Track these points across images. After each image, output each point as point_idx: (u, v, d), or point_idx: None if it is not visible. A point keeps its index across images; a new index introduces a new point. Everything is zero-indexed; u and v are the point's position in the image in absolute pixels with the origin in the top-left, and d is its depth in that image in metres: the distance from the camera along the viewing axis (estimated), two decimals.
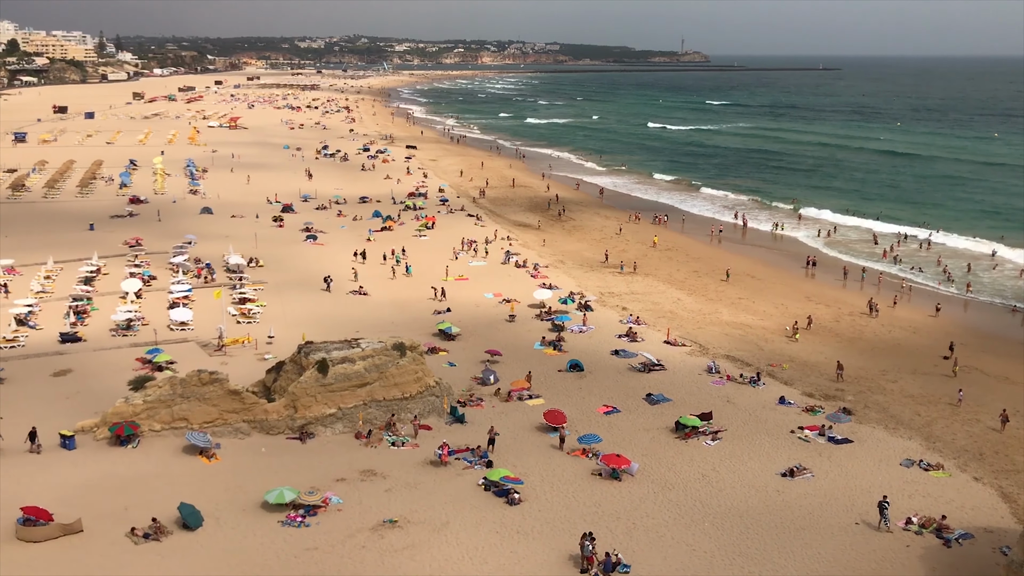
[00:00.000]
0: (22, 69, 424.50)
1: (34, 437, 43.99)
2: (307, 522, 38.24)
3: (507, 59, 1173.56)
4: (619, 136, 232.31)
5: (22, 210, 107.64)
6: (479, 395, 53.30)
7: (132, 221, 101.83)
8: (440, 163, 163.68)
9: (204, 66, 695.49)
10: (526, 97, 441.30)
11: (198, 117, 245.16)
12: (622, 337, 64.48)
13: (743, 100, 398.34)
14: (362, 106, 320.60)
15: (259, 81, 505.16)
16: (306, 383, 47.56)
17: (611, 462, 43.11)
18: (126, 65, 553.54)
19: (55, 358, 57.69)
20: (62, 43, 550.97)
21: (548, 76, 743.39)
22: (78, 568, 34.35)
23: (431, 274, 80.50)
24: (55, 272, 77.98)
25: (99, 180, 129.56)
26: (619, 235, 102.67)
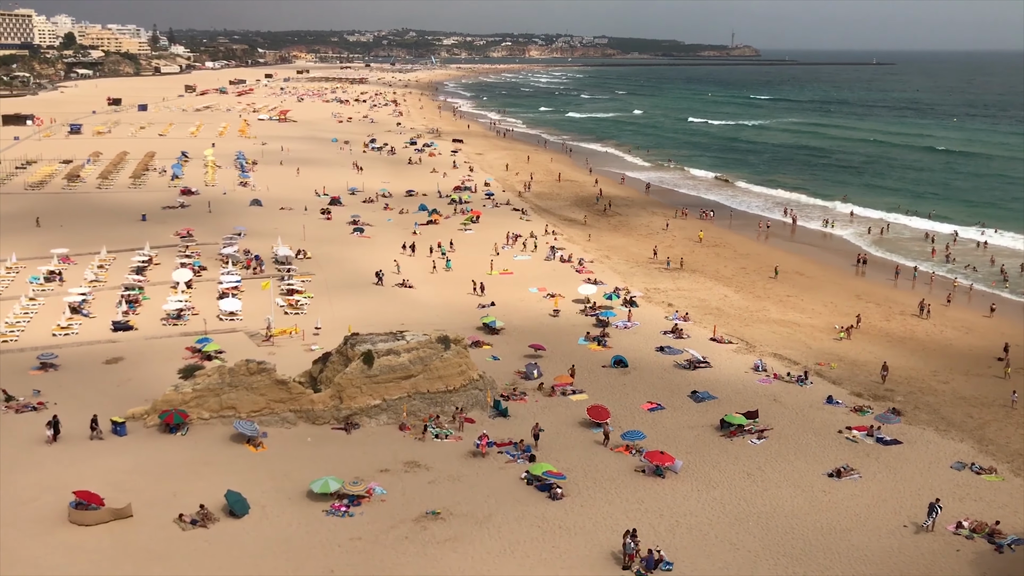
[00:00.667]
0: (78, 62, 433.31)
1: (95, 424, 44.85)
2: (351, 512, 38.60)
3: (555, 53, 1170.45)
4: (664, 131, 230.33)
5: (77, 200, 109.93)
6: (522, 389, 53.32)
7: (183, 212, 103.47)
8: (486, 157, 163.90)
9: (255, 59, 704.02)
10: (569, 91, 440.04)
11: (248, 110, 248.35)
12: (667, 334, 64.06)
13: (793, 95, 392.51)
14: (409, 100, 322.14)
15: (308, 74, 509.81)
16: (352, 374, 47.98)
17: (655, 459, 42.87)
18: (178, 58, 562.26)
19: (107, 346, 58.88)
20: (117, 36, 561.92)
21: (595, 70, 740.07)
22: (127, 552, 35.05)
23: (475, 268, 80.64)
24: (108, 262, 79.56)
25: (151, 172, 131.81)
26: (666, 231, 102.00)
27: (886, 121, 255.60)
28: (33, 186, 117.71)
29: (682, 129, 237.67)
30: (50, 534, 36.02)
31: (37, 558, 34.39)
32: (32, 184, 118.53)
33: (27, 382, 51.51)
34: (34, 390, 50.25)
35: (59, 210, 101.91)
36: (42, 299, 68.25)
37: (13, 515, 37.21)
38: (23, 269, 76.46)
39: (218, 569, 34.20)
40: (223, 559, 34.86)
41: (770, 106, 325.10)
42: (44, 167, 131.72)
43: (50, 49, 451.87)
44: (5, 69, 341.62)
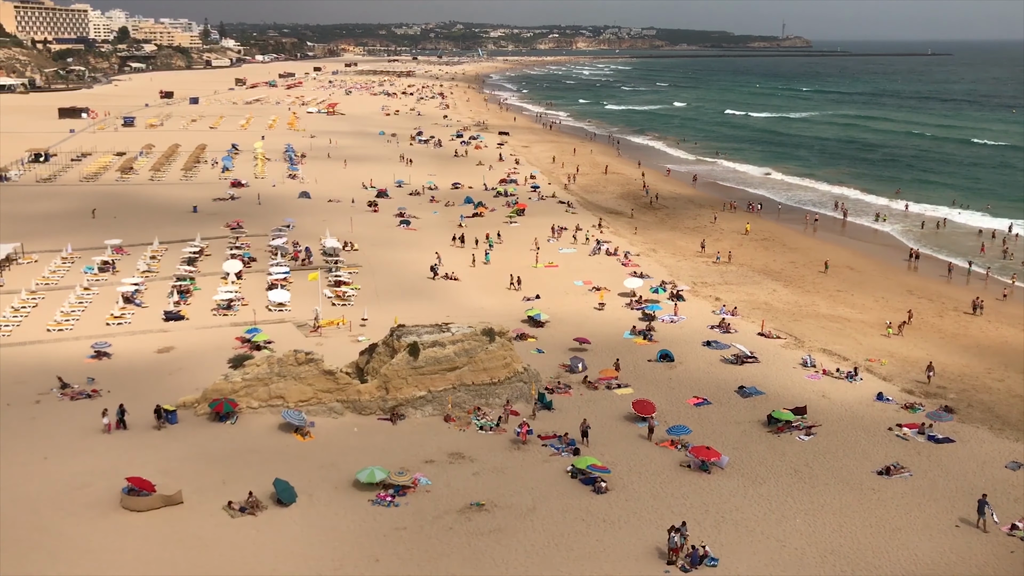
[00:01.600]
0: (132, 56, 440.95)
1: (160, 414, 45.58)
2: (396, 502, 38.89)
3: (602, 44, 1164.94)
4: (707, 124, 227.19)
5: (130, 192, 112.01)
6: (567, 382, 53.24)
7: (233, 204, 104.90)
8: (532, 150, 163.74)
9: (304, 53, 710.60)
10: (611, 83, 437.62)
11: (297, 103, 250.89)
12: (715, 328, 63.48)
13: (844, 87, 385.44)
14: (456, 93, 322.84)
15: (356, 67, 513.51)
16: (398, 365, 48.30)
17: (700, 454, 42.55)
18: (229, 51, 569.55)
19: (159, 336, 59.95)
20: (169, 30, 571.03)
21: (640, 62, 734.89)
22: (177, 538, 35.68)
23: (517, 262, 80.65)
24: (160, 253, 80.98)
25: (202, 164, 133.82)
26: (713, 224, 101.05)
27: (941, 114, 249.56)
28: (88, 178, 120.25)
29: (725, 122, 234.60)
30: (102, 519, 36.82)
31: (89, 542, 35.17)
32: (87, 176, 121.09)
33: (81, 370, 52.67)
34: (88, 378, 51.36)
35: (113, 202, 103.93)
36: (96, 289, 69.68)
37: (67, 500, 38.11)
38: (78, 260, 78.15)
39: (265, 556, 34.68)
40: (270, 546, 35.34)
41: (819, 98, 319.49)
42: (98, 159, 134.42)
43: (105, 43, 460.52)
44: (62, 63, 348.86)
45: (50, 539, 35.18)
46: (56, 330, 60.29)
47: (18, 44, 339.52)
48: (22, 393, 49.18)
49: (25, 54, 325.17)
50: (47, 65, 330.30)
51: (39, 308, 64.78)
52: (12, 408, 47.28)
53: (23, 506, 37.46)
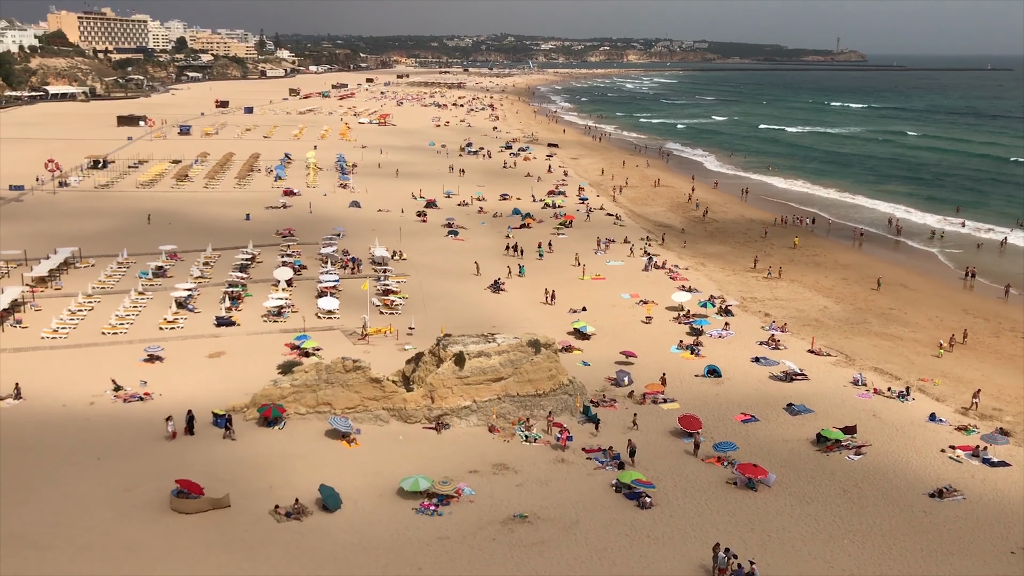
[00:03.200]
0: (189, 65, 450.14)
1: (230, 424, 45.89)
2: (440, 511, 38.97)
3: (653, 57, 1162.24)
4: (753, 139, 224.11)
5: (185, 199, 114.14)
6: (612, 396, 52.97)
7: (285, 212, 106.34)
8: (581, 162, 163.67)
9: (356, 64, 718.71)
10: (658, 96, 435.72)
11: (349, 113, 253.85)
12: (763, 344, 62.75)
13: (899, 103, 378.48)
14: (506, 104, 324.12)
15: (408, 79, 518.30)
16: (443, 375, 48.48)
17: (747, 471, 42.03)
18: (284, 62, 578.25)
19: (210, 340, 60.89)
20: (225, 41, 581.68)
21: (690, 75, 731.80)
22: (224, 541, 36.14)
23: (558, 275, 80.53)
24: (213, 259, 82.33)
25: (256, 172, 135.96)
26: (764, 239, 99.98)
27: (998, 132, 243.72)
28: (144, 184, 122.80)
29: (770, 137, 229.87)
30: (152, 520, 37.42)
31: (139, 543, 35.76)
32: (143, 183, 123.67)
33: (134, 373, 53.68)
34: (141, 381, 52.31)
35: (168, 208, 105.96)
36: (150, 294, 71.05)
37: (118, 500, 38.81)
38: (133, 264, 79.77)
39: (310, 561, 34.96)
40: (315, 552, 35.62)
41: (873, 114, 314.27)
42: (155, 166, 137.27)
43: (163, 53, 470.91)
44: (121, 72, 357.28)
45: (101, 538, 35.85)
46: (111, 333, 61.55)
47: (80, 54, 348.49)
48: (77, 395, 50.23)
49: (87, 63, 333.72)
50: (107, 74, 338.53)
51: (95, 311, 66.22)
52: (67, 409, 48.34)
53: (76, 505, 38.25)
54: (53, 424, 46.33)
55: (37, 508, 37.92)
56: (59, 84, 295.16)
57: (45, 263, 75.58)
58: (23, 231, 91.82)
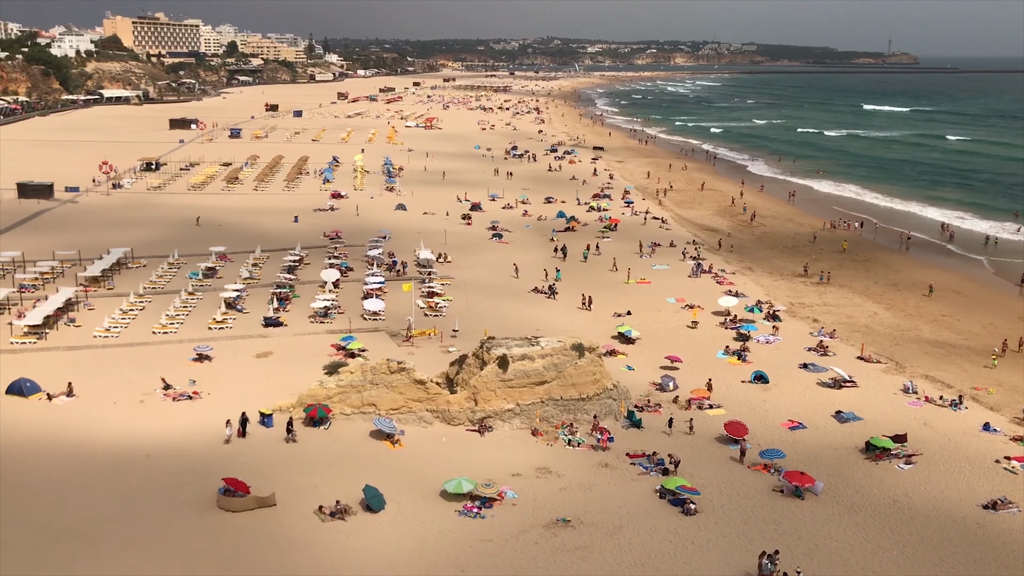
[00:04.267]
0: (239, 69, 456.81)
1: (291, 427, 46.05)
2: (482, 514, 39.00)
3: (701, 60, 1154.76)
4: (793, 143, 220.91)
5: (234, 201, 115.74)
6: (657, 401, 52.59)
7: (332, 215, 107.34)
8: (627, 165, 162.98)
9: (404, 68, 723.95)
10: (705, 99, 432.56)
11: (396, 117, 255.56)
12: (812, 350, 61.87)
13: (952, 107, 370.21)
14: (552, 108, 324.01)
15: (454, 82, 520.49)
16: (487, 377, 48.52)
17: (794, 479, 41.45)
18: (332, 66, 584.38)
19: (258, 340, 61.62)
20: (276, 45, 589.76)
21: (738, 78, 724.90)
22: (269, 539, 36.51)
23: (597, 279, 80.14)
24: (262, 260, 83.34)
25: (304, 175, 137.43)
26: (813, 243, 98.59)
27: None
28: (195, 187, 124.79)
29: (817, 142, 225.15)
30: (199, 517, 37.94)
31: (186, 540, 36.28)
32: (194, 185, 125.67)
33: (184, 372, 54.51)
34: (190, 380, 53.10)
35: (219, 210, 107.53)
36: (200, 294, 72.10)
37: (166, 498, 39.41)
38: (184, 265, 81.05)
39: (354, 561, 35.18)
40: (359, 552, 35.83)
41: (923, 118, 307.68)
42: (206, 169, 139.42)
43: (214, 57, 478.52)
44: (173, 76, 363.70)
45: (149, 535, 36.43)
46: (161, 332, 62.57)
47: (134, 58, 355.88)
48: (128, 392, 51.13)
49: (140, 67, 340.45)
50: (160, 78, 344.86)
51: (146, 311, 67.39)
52: (118, 406, 49.23)
53: (125, 502, 38.92)
54: (104, 421, 47.19)
55: (88, 503, 38.68)
56: (113, 88, 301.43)
57: (98, 263, 77.12)
58: (78, 232, 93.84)
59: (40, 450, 43.75)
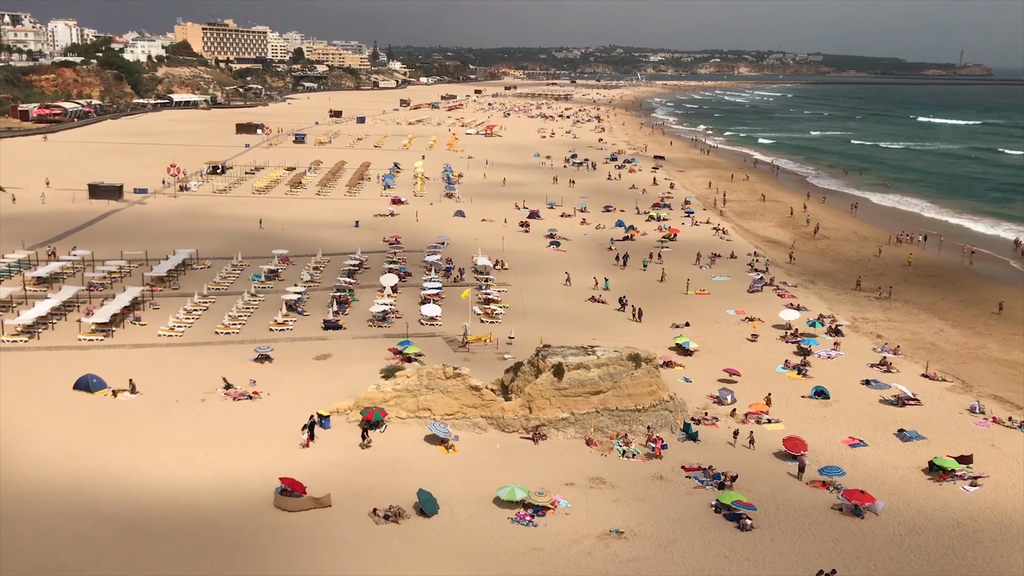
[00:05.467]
0: (305, 76, 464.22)
1: (366, 434, 46.38)
2: (535, 522, 38.90)
3: (765, 70, 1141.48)
4: (866, 154, 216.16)
5: (297, 206, 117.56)
6: (714, 414, 51.93)
7: (392, 220, 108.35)
8: (687, 175, 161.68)
9: (466, 75, 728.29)
10: (769, 110, 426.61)
11: (457, 124, 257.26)
12: (874, 366, 60.55)
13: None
14: (612, 116, 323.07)
15: (515, 90, 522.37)
16: (542, 385, 48.43)
17: (854, 497, 40.55)
18: (395, 73, 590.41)
19: (318, 343, 62.38)
20: (340, 52, 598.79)
21: (803, 89, 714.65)
22: (324, 540, 36.90)
23: (646, 289, 79.45)
24: (323, 264, 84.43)
25: (366, 181, 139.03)
26: (878, 257, 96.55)
27: None
28: (259, 190, 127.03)
29: (883, 154, 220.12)
30: (256, 516, 38.50)
31: (243, 537, 36.84)
32: (259, 189, 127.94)
33: (245, 372, 55.41)
34: (250, 380, 53.97)
35: (282, 214, 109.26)
36: (262, 296, 73.29)
37: (225, 495, 40.09)
38: (247, 267, 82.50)
39: (407, 565, 35.35)
40: (412, 556, 35.99)
41: (991, 131, 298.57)
42: (270, 173, 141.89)
43: (281, 63, 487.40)
44: (241, 81, 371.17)
45: (208, 531, 37.07)
46: (223, 333, 63.73)
47: (203, 63, 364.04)
48: (190, 391, 52.17)
49: (209, 72, 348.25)
50: (228, 83, 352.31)
51: (209, 311, 68.71)
52: (180, 404, 50.24)
53: (185, 499, 39.67)
54: (167, 419, 48.19)
55: (150, 499, 39.48)
56: (183, 92, 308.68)
57: (164, 264, 78.92)
58: (145, 233, 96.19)
59: (104, 444, 44.81)
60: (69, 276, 77.56)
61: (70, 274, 78.16)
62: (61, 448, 44.15)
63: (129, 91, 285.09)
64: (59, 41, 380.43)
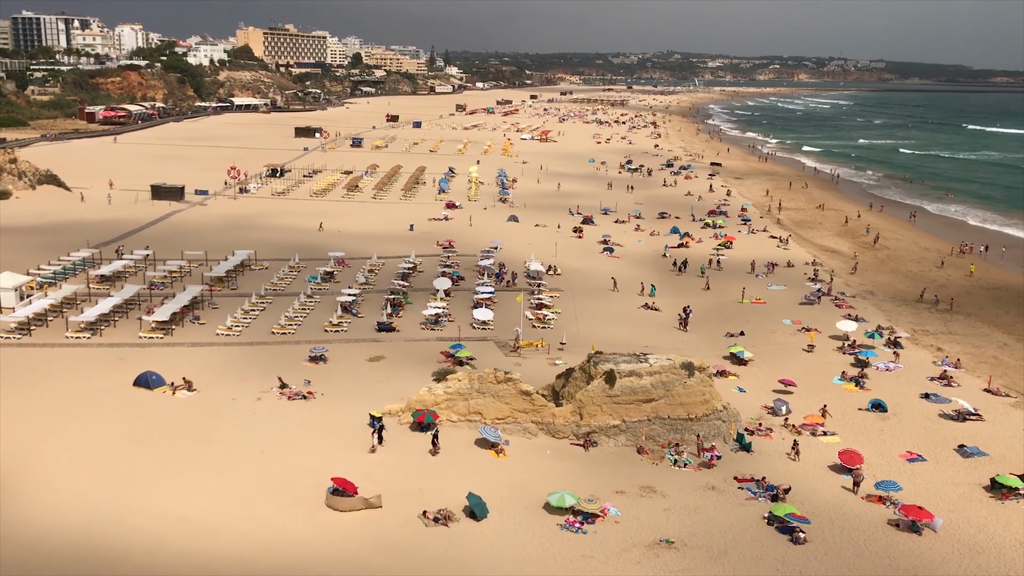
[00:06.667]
0: (363, 80, 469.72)
1: (436, 440, 46.39)
2: (584, 529, 38.73)
3: (825, 77, 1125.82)
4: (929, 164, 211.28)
5: (354, 209, 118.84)
6: (768, 425, 51.22)
7: (446, 224, 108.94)
8: (744, 182, 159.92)
9: (521, 81, 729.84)
10: (829, 117, 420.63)
11: (512, 129, 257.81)
12: (934, 380, 59.18)
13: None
14: (668, 122, 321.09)
15: (571, 96, 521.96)
16: (593, 392, 48.24)
17: (911, 513, 39.66)
18: (452, 78, 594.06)
19: (371, 344, 62.95)
20: (398, 57, 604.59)
21: (860, 96, 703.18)
22: (374, 541, 37.17)
23: (694, 298, 78.66)
24: (378, 267, 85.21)
25: (420, 185, 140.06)
26: (940, 268, 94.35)
27: None
28: (317, 193, 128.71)
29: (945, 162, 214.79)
30: (308, 514, 38.94)
31: (294, 535, 37.29)
32: (316, 192, 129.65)
33: (299, 372, 56.14)
34: (305, 380, 54.65)
35: (340, 217, 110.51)
36: (318, 297, 74.19)
37: (278, 494, 40.61)
38: (303, 269, 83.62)
39: (456, 568, 35.44)
40: (461, 559, 36.08)
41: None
42: (327, 177, 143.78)
43: (339, 68, 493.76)
44: (300, 86, 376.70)
45: (262, 530, 37.58)
46: (280, 333, 64.65)
47: (264, 67, 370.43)
48: (246, 390, 53.00)
49: (270, 77, 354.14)
50: (287, 87, 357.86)
51: (266, 312, 69.76)
52: (237, 403, 51.06)
53: (240, 496, 40.28)
54: (223, 416, 49.03)
55: (206, 494, 40.18)
56: (243, 96, 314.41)
57: (223, 264, 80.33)
58: (205, 234, 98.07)
59: (162, 441, 45.72)
60: (131, 275, 79.40)
61: (132, 273, 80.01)
62: (118, 445, 45.15)
63: (191, 94, 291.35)
64: (125, 45, 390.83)
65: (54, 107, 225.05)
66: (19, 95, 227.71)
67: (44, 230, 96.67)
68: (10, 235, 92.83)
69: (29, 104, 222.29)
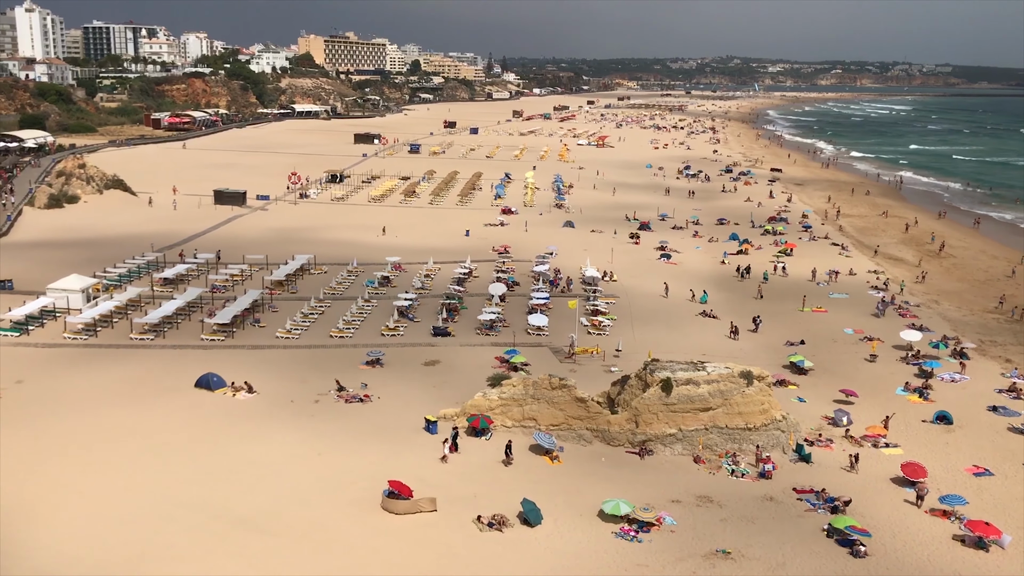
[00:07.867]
0: (421, 87, 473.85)
1: (509, 451, 46.14)
2: (639, 538, 38.37)
3: (889, 82, 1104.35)
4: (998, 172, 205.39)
5: (411, 214, 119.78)
6: (829, 436, 50.21)
7: (502, 230, 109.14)
8: (806, 188, 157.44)
9: (579, 86, 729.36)
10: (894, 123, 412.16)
11: (569, 135, 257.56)
12: (1003, 392, 57.48)
13: None
14: (728, 128, 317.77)
15: (629, 101, 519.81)
16: (649, 400, 47.82)
17: (978, 529, 38.52)
18: (509, 85, 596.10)
19: (427, 349, 63.28)
20: (456, 64, 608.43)
21: (924, 101, 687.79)
22: (429, 544, 37.26)
23: (733, 306, 77.46)
24: (434, 272, 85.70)
25: (477, 191, 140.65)
26: (1011, 278, 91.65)
27: None
28: (375, 199, 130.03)
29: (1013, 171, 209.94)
30: (363, 517, 39.22)
31: (350, 537, 37.58)
32: (375, 197, 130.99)
33: (356, 375, 56.67)
34: (362, 383, 55.14)
35: (397, 222, 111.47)
36: (375, 301, 74.84)
37: (335, 495, 40.98)
38: (361, 273, 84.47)
39: (510, 573, 35.34)
40: (515, 565, 35.98)
41: None
42: (386, 182, 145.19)
43: (398, 75, 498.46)
44: (360, 92, 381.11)
45: (318, 531, 37.94)
46: (338, 336, 65.34)
47: (325, 74, 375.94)
48: (304, 392, 53.67)
49: (330, 83, 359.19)
50: (347, 94, 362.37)
51: (324, 315, 70.58)
52: (295, 405, 51.71)
53: (296, 497, 40.73)
54: (282, 418, 49.68)
55: (264, 496, 40.73)
56: (304, 103, 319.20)
57: (283, 268, 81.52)
58: (267, 238, 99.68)
59: (221, 440, 46.48)
60: (194, 278, 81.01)
61: (195, 276, 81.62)
62: (182, 442, 46.04)
63: (254, 101, 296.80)
64: (190, 53, 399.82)
65: (121, 114, 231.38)
66: (88, 102, 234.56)
67: (110, 233, 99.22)
68: (78, 238, 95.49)
69: (98, 111, 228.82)
